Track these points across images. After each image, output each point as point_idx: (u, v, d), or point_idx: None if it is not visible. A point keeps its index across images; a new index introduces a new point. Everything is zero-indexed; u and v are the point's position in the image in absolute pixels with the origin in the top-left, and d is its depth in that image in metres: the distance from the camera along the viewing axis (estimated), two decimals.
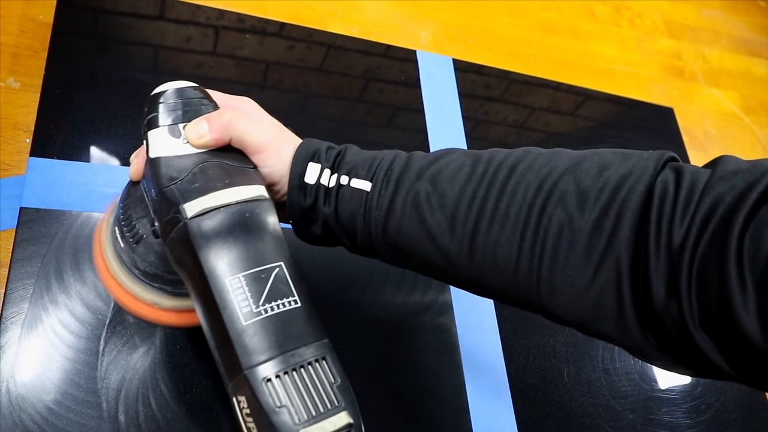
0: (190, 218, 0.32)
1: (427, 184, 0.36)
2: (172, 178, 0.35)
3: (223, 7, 0.70)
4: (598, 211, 0.31)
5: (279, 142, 0.39)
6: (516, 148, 0.37)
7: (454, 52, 0.82)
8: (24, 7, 0.61)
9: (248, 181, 0.35)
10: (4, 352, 0.47)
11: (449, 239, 0.35)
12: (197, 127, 0.37)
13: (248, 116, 0.39)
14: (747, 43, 1.13)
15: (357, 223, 0.38)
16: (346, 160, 0.39)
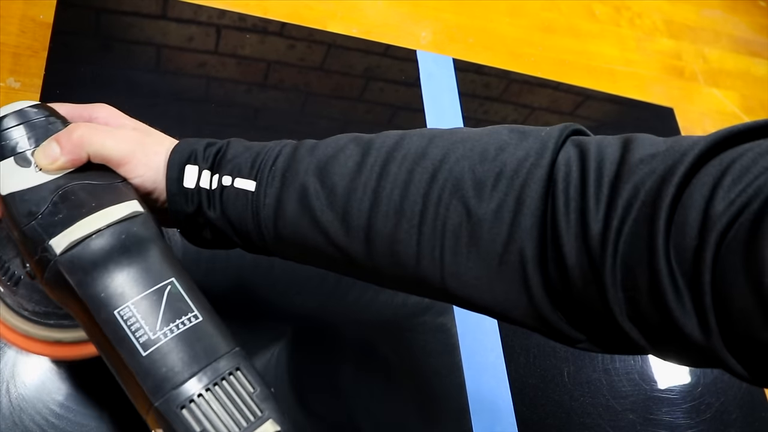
0: (59, 255, 0.30)
1: (314, 179, 0.34)
2: (31, 213, 0.31)
3: (224, 6, 0.70)
4: (497, 200, 0.30)
5: (145, 148, 0.36)
6: (410, 131, 0.35)
7: (454, 52, 0.82)
8: (24, 7, 0.61)
9: (118, 199, 0.32)
10: (5, 352, 0.47)
11: (344, 236, 0.33)
12: (47, 151, 0.33)
13: (103, 127, 0.35)
14: (747, 43, 1.13)
15: (247, 224, 0.35)
16: (227, 158, 0.36)
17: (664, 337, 0.26)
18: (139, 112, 0.60)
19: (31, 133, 0.34)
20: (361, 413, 0.55)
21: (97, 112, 0.38)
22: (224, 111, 0.64)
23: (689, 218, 0.25)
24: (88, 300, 0.29)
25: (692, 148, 0.26)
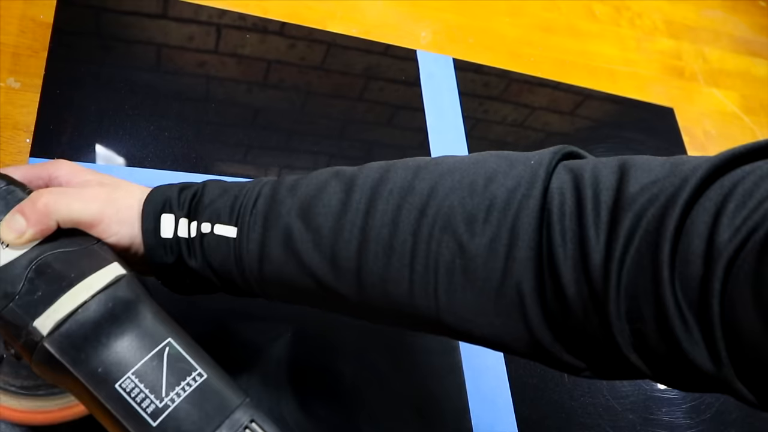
0: (47, 335, 0.28)
1: (298, 221, 0.32)
2: (7, 295, 0.29)
3: (224, 6, 0.70)
4: (489, 233, 0.29)
5: (115, 204, 0.34)
6: (394, 162, 0.34)
7: (454, 51, 0.82)
8: (24, 7, 0.61)
9: (97, 264, 0.31)
10: None
11: (333, 277, 0.32)
12: (12, 225, 0.31)
13: (68, 190, 0.33)
14: (747, 43, 1.13)
15: (231, 270, 0.34)
16: (204, 204, 0.35)
17: (672, 368, 0.26)
18: (140, 111, 0.60)
19: None
20: (362, 413, 0.55)
21: (56, 170, 0.36)
22: (224, 110, 0.64)
23: (694, 247, 0.24)
24: (86, 378, 0.28)
25: (693, 174, 0.25)
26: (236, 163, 0.62)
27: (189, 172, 0.59)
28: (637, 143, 0.88)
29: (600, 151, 0.84)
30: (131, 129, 0.59)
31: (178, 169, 0.59)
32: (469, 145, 0.75)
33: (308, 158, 0.66)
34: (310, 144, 0.67)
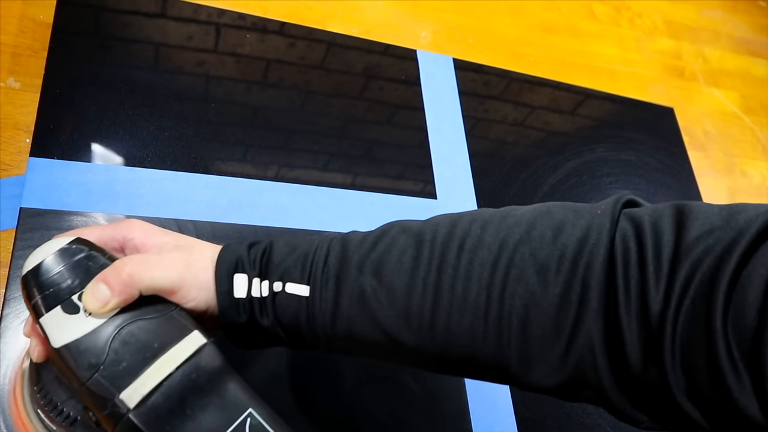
0: (133, 409, 0.28)
1: (371, 279, 0.33)
2: (92, 366, 0.29)
3: (223, 6, 0.70)
4: (562, 284, 0.30)
5: (192, 269, 0.34)
6: (460, 216, 0.34)
7: (454, 51, 0.82)
8: (23, 7, 0.61)
9: (179, 333, 0.31)
10: (4, 353, 0.47)
11: (407, 334, 0.33)
12: (97, 294, 0.31)
13: (149, 257, 0.34)
14: (747, 43, 1.13)
15: (302, 329, 0.35)
16: (274, 263, 0.35)
17: (725, 418, 0.26)
18: (140, 111, 0.60)
19: (73, 275, 0.32)
20: (362, 413, 0.55)
21: (129, 232, 0.36)
22: (224, 110, 0.64)
23: (748, 299, 0.24)
24: None
25: (749, 226, 0.26)
26: (236, 163, 0.62)
27: (189, 171, 0.59)
28: (638, 143, 0.88)
29: (601, 150, 0.84)
30: (131, 129, 0.59)
31: (178, 169, 0.59)
32: (469, 144, 0.75)
33: (308, 157, 0.66)
34: (310, 143, 0.67)
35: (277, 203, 0.61)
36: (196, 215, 0.57)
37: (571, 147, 0.83)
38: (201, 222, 0.57)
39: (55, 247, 0.33)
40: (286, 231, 0.60)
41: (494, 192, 0.73)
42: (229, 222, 0.58)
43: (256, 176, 0.62)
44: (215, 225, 0.58)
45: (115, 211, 0.55)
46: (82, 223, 0.53)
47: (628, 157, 0.86)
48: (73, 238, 0.34)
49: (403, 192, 0.68)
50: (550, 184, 0.78)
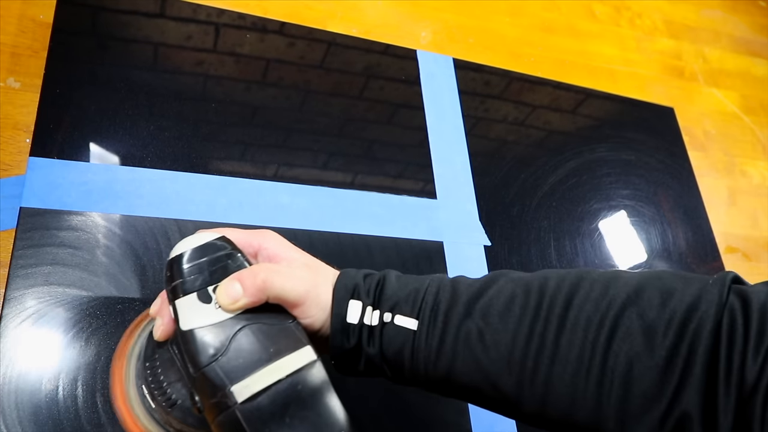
0: (240, 403, 0.30)
1: (478, 321, 0.35)
2: (212, 354, 0.32)
3: (223, 6, 0.70)
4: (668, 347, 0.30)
5: (317, 288, 0.36)
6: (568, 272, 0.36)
7: (454, 51, 0.82)
8: (23, 7, 0.61)
9: (293, 345, 0.33)
10: (4, 353, 0.47)
11: (506, 378, 0.34)
12: (230, 291, 0.34)
13: (282, 269, 0.36)
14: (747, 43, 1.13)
15: (404, 361, 0.36)
16: (387, 294, 0.37)
17: None
18: (139, 110, 0.60)
19: (213, 269, 0.34)
20: (362, 414, 0.55)
21: (265, 241, 0.38)
22: (224, 109, 0.64)
23: None
24: None
25: None
26: (236, 162, 0.62)
27: (189, 171, 0.59)
28: (638, 143, 0.88)
29: (601, 150, 0.84)
30: (131, 128, 0.59)
31: (178, 169, 0.59)
32: (469, 144, 0.75)
33: (308, 157, 0.66)
34: (310, 142, 0.67)
35: (277, 203, 0.61)
36: (196, 215, 0.57)
37: (571, 147, 0.83)
38: (201, 222, 0.57)
39: (204, 239, 0.35)
40: (287, 231, 0.60)
41: (494, 192, 0.73)
42: (229, 222, 0.58)
43: (256, 176, 0.62)
44: (215, 225, 0.58)
45: (115, 211, 0.55)
46: (83, 223, 0.53)
47: (628, 157, 0.86)
48: (219, 235, 0.36)
49: (403, 191, 0.68)
50: (550, 183, 0.78)
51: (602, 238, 0.77)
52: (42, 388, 0.46)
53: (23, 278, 0.49)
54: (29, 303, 0.49)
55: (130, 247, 0.54)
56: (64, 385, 0.47)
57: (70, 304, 0.50)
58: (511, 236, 0.71)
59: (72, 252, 0.52)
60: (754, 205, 0.94)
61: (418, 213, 0.67)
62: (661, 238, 0.81)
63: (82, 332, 0.49)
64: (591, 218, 0.78)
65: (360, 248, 0.62)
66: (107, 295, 0.51)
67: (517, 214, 0.73)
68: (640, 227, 0.81)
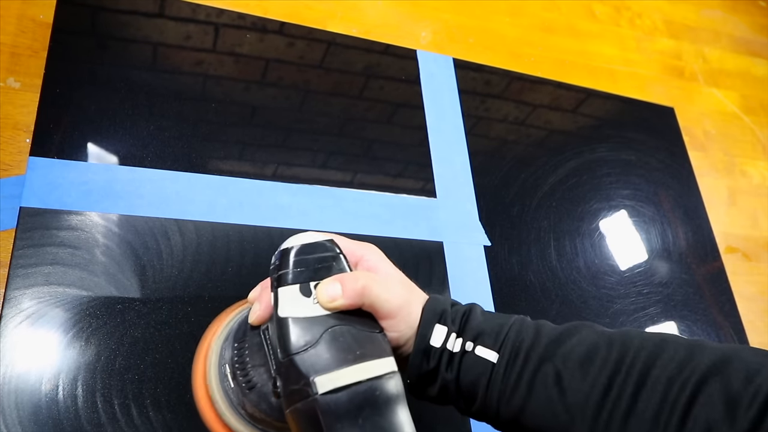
0: (321, 394, 0.31)
1: (558, 364, 0.35)
2: (303, 344, 0.34)
3: (223, 6, 0.70)
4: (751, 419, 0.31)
5: (409, 306, 0.38)
6: (652, 334, 0.36)
7: (455, 51, 0.82)
8: (23, 7, 0.61)
9: (378, 353, 0.35)
10: (4, 353, 0.47)
11: (579, 426, 0.34)
12: (330, 290, 0.36)
13: (381, 280, 0.37)
14: (747, 43, 1.13)
15: (478, 392, 0.37)
16: (471, 325, 0.38)
17: None
18: (139, 110, 0.60)
19: (318, 266, 0.37)
20: None
21: (368, 253, 0.40)
22: (224, 109, 0.64)
23: None
24: None
25: None
26: (236, 162, 0.62)
27: (189, 171, 0.59)
28: (638, 143, 0.88)
29: (601, 150, 0.84)
30: (131, 128, 0.59)
31: (178, 169, 0.59)
32: (469, 144, 0.75)
33: (308, 156, 0.66)
34: (309, 142, 0.67)
35: (277, 203, 0.61)
36: (196, 215, 0.57)
37: (572, 146, 0.83)
38: (201, 222, 0.57)
39: (315, 239, 0.38)
40: (287, 231, 0.60)
41: (494, 191, 0.73)
42: (229, 222, 0.58)
43: (255, 176, 0.62)
44: (215, 225, 0.58)
45: (115, 210, 0.55)
46: (83, 223, 0.53)
47: (628, 157, 0.86)
48: (329, 238, 0.38)
49: (403, 191, 0.68)
50: (550, 183, 0.78)
51: (602, 238, 0.77)
52: (42, 388, 0.46)
53: (23, 278, 0.49)
54: (29, 303, 0.49)
55: (130, 247, 0.54)
56: (64, 385, 0.47)
57: (70, 304, 0.50)
58: (511, 236, 0.71)
59: (72, 252, 0.52)
60: (754, 205, 0.94)
61: (418, 213, 0.67)
62: (661, 238, 0.81)
63: (82, 332, 0.49)
64: (591, 218, 0.78)
65: None
66: (107, 295, 0.51)
67: (517, 214, 0.73)
68: (640, 227, 0.81)
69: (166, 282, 0.54)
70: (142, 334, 0.51)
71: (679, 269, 0.80)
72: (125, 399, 0.48)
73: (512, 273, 0.69)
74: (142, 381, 0.49)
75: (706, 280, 0.80)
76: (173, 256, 0.55)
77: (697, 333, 0.76)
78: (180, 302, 0.53)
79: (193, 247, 0.56)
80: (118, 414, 0.47)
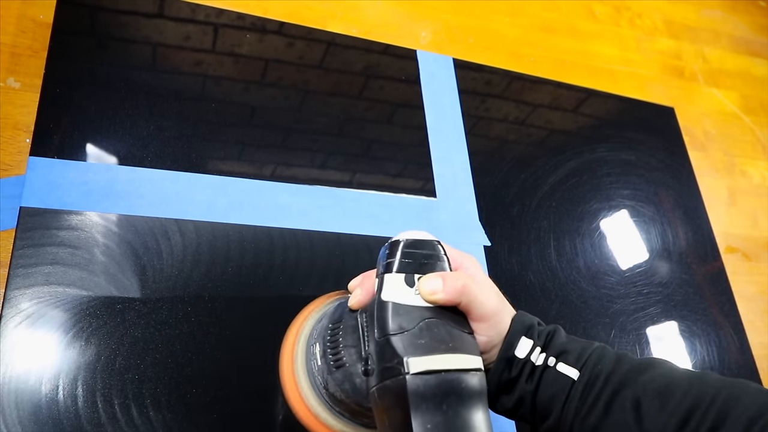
0: (411, 374, 0.33)
1: (638, 391, 0.36)
2: (401, 327, 0.36)
3: (223, 6, 0.70)
4: None
5: (501, 314, 0.39)
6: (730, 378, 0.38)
7: (454, 51, 0.82)
8: (23, 7, 0.61)
9: (468, 349, 0.36)
10: (4, 353, 0.47)
11: None
12: (432, 283, 0.38)
13: (480, 283, 0.39)
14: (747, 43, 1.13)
15: (553, 408, 0.38)
16: (556, 342, 0.39)
17: None
18: (139, 110, 0.60)
19: (425, 262, 0.39)
20: None
21: (468, 263, 0.42)
22: (224, 109, 0.64)
23: None
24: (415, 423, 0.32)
25: None
26: (236, 162, 0.62)
27: (189, 171, 0.59)
28: (638, 143, 0.88)
29: (601, 150, 0.84)
30: (131, 128, 0.59)
31: (178, 169, 0.59)
32: (469, 144, 0.75)
33: (307, 156, 0.66)
34: (309, 142, 0.67)
35: (277, 203, 0.61)
36: (196, 215, 0.57)
37: (572, 146, 0.83)
38: (201, 222, 0.57)
39: (426, 236, 0.40)
40: (287, 231, 0.60)
41: (494, 191, 0.73)
42: (229, 222, 0.58)
43: (255, 176, 0.62)
44: (215, 225, 0.58)
45: (115, 210, 0.55)
46: (83, 223, 0.53)
47: (628, 157, 0.86)
48: (437, 240, 0.41)
49: (403, 191, 0.68)
50: (550, 183, 0.78)
51: (602, 238, 0.77)
52: (42, 388, 0.46)
53: (23, 278, 0.49)
54: (29, 302, 0.49)
55: (130, 247, 0.54)
56: (64, 385, 0.47)
57: (70, 303, 0.50)
58: (511, 236, 0.71)
59: (72, 252, 0.52)
60: (754, 205, 0.94)
61: (417, 213, 0.68)
62: (661, 238, 0.81)
63: (82, 332, 0.49)
64: (591, 218, 0.78)
65: (360, 248, 0.62)
66: (107, 294, 0.51)
67: (517, 214, 0.73)
68: (640, 227, 0.81)
69: (166, 282, 0.54)
70: (142, 333, 0.51)
71: (679, 269, 0.80)
72: (125, 399, 0.48)
73: (512, 273, 0.69)
74: (143, 381, 0.49)
75: (706, 280, 0.80)
76: (173, 256, 0.55)
77: (697, 333, 0.76)
78: (180, 302, 0.53)
79: (193, 247, 0.56)
80: (119, 414, 0.47)
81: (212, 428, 0.49)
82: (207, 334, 0.53)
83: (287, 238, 0.60)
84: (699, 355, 0.74)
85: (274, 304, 0.56)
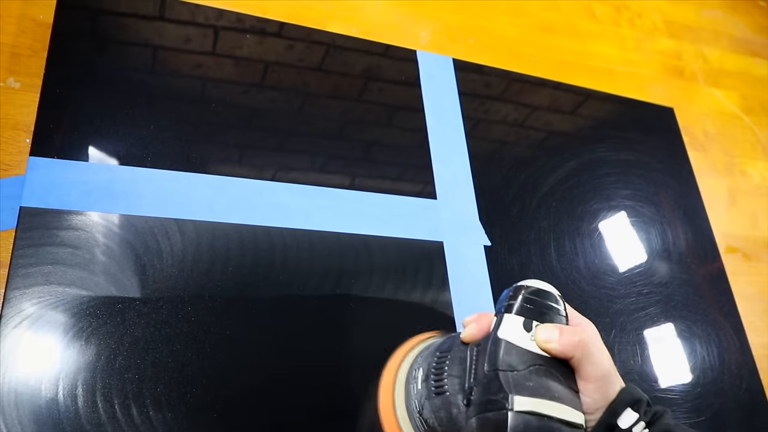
0: (515, 411, 0.34)
1: None
2: (511, 366, 0.37)
3: (222, 6, 0.70)
4: None
5: (610, 378, 0.39)
6: None
7: (454, 52, 0.82)
8: (23, 7, 0.61)
9: (573, 404, 0.37)
10: (4, 353, 0.47)
11: None
12: (549, 332, 0.38)
13: (596, 344, 0.40)
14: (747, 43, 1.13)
15: None
16: (662, 422, 0.39)
17: None
18: (139, 110, 0.60)
19: (545, 311, 0.40)
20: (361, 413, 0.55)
21: (585, 324, 0.42)
22: (224, 110, 0.64)
23: None
24: None
25: None
26: (236, 163, 0.62)
27: (189, 171, 0.59)
28: (638, 143, 0.88)
29: (601, 150, 0.84)
30: (131, 128, 0.59)
31: (178, 169, 0.59)
32: (469, 145, 0.75)
33: (307, 158, 0.66)
34: (308, 144, 0.67)
35: (277, 203, 0.62)
36: (196, 215, 0.57)
37: (571, 147, 0.83)
38: (201, 222, 0.57)
39: (550, 288, 0.41)
40: (287, 231, 0.60)
41: (494, 192, 0.73)
42: (229, 222, 0.58)
43: (255, 176, 0.62)
44: (215, 225, 0.58)
45: (115, 210, 0.55)
46: (83, 223, 0.53)
47: (628, 157, 0.86)
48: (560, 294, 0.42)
49: (403, 192, 0.68)
50: (549, 184, 0.78)
51: (602, 238, 0.77)
52: (42, 388, 0.46)
53: (23, 278, 0.50)
54: (29, 303, 0.49)
55: (130, 247, 0.54)
56: (64, 385, 0.47)
57: (70, 303, 0.50)
58: (511, 236, 0.71)
59: (72, 251, 0.52)
60: (754, 205, 0.94)
61: (418, 213, 0.68)
62: (661, 238, 0.81)
63: (82, 332, 0.49)
64: (591, 218, 0.78)
65: (360, 248, 0.63)
66: (107, 294, 0.51)
67: (517, 214, 0.73)
68: (640, 227, 0.81)
69: (166, 282, 0.54)
70: (142, 333, 0.51)
71: (679, 269, 0.80)
72: (125, 398, 0.48)
73: (512, 273, 0.69)
74: (143, 380, 0.49)
75: (706, 280, 0.80)
76: (173, 256, 0.55)
77: (697, 333, 0.76)
78: (180, 302, 0.53)
79: (193, 247, 0.56)
80: (119, 413, 0.47)
81: (212, 428, 0.49)
82: (207, 334, 0.53)
83: (287, 238, 0.60)
84: (699, 355, 0.74)
85: (274, 304, 0.56)
